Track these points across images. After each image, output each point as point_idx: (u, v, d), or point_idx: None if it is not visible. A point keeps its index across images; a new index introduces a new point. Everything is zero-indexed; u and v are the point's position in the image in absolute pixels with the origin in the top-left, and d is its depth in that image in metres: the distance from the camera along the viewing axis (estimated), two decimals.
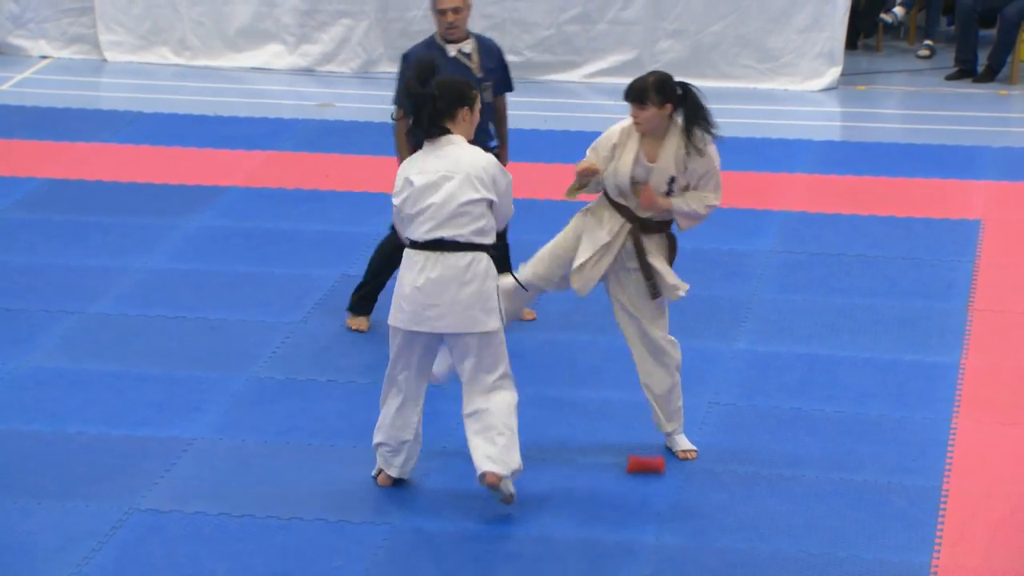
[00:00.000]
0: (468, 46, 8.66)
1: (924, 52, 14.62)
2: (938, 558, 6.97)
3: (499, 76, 8.77)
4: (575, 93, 13.55)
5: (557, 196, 8.64)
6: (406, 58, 8.56)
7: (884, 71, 14.41)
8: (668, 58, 13.62)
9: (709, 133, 7.43)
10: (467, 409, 7.23)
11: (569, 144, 11.93)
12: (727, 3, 13.59)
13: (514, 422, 7.21)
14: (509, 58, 13.59)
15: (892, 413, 8.29)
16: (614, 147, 7.50)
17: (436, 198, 6.99)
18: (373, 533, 7.11)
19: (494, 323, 7.11)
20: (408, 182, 7.06)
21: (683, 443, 7.78)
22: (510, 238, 8.88)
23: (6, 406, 8.14)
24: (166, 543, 7.00)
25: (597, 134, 7.71)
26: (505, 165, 8.17)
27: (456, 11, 8.56)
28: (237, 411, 8.18)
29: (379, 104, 13.04)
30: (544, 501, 7.41)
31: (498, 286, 7.17)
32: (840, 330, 9.26)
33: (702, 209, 7.52)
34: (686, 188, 7.51)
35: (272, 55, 13.77)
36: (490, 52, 8.72)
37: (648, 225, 7.55)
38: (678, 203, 7.50)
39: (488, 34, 13.69)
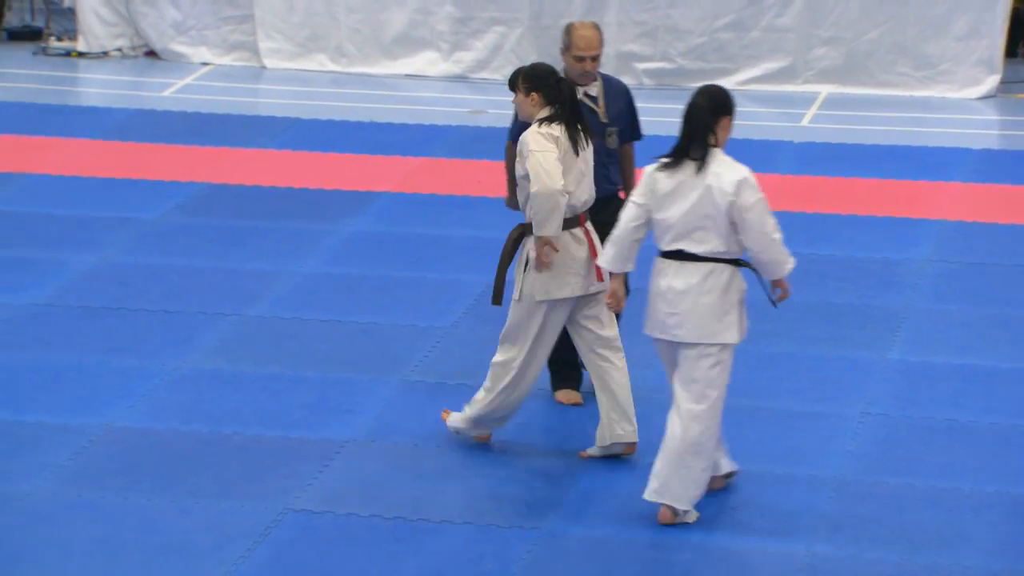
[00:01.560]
0: (594, 89, 8.06)
1: None
2: None
3: (626, 122, 8.15)
4: None
5: None
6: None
7: None
8: (823, 65, 13.49)
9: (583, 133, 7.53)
10: (672, 422, 7.13)
11: None
12: (884, 10, 13.43)
13: (710, 443, 7.13)
14: (659, 65, 13.75)
15: None
16: None
17: (678, 209, 6.99)
18: (522, 538, 7.12)
19: (730, 336, 7.06)
20: (660, 186, 7.03)
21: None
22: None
23: (166, 406, 8.28)
24: (319, 544, 7.07)
25: (749, 141, 7.70)
26: None
27: (595, 59, 7.98)
28: (389, 414, 8.24)
29: None
30: (702, 504, 7.37)
31: (742, 300, 7.09)
32: (996, 341, 9.10)
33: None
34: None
35: (426, 62, 13.86)
36: (617, 95, 8.13)
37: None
38: None
39: (640, 41, 13.75)
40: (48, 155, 11.84)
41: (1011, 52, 14.17)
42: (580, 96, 7.92)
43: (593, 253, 7.64)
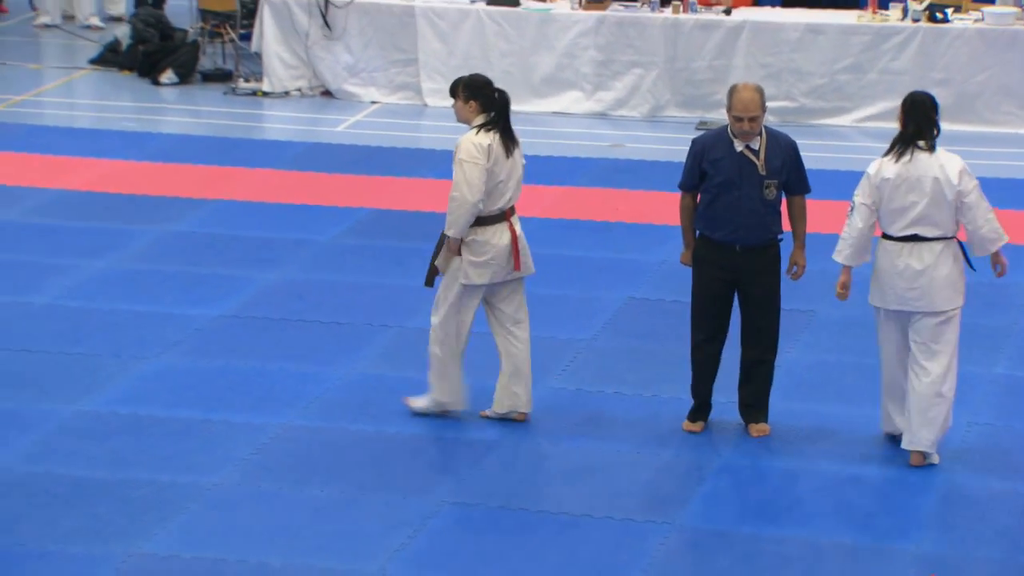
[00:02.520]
0: (756, 143, 7.67)
1: None
2: None
3: (789, 176, 7.76)
4: (845, 136, 13.33)
5: (827, 229, 8.53)
6: (693, 143, 7.91)
7: None
8: None
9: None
10: (914, 381, 7.49)
11: (839, 182, 11.71)
12: (991, 55, 13.20)
13: (951, 393, 7.51)
14: (783, 103, 13.57)
15: None
16: None
17: (913, 199, 7.32)
18: (655, 531, 7.09)
19: (960, 301, 7.47)
20: (885, 180, 7.36)
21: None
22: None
23: (337, 408, 8.34)
24: (472, 534, 7.09)
25: (863, 174, 7.62)
26: (803, 265, 7.88)
27: (753, 120, 7.60)
28: (535, 417, 8.23)
29: (665, 145, 13.03)
30: (813, 507, 7.29)
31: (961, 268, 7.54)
32: None
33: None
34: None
35: (571, 101, 13.86)
36: (780, 151, 7.71)
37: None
38: None
39: (766, 82, 13.57)
40: (236, 183, 12.02)
41: None
42: (741, 149, 7.71)
43: (515, 246, 7.90)
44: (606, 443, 7.95)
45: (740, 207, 7.69)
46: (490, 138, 7.84)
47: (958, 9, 13.55)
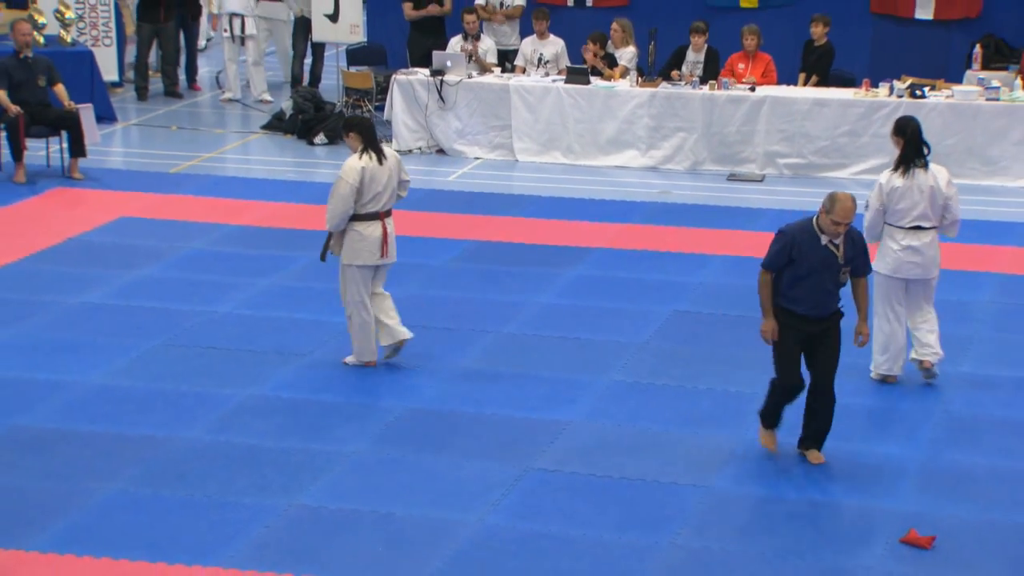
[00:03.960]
0: (838, 239, 7.29)
1: None
2: None
3: (859, 262, 7.36)
4: (844, 186, 13.13)
5: None
6: (782, 233, 7.37)
7: None
8: None
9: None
10: (917, 324, 8.21)
11: None
12: (960, 123, 13.05)
13: (937, 326, 8.21)
14: (795, 160, 13.47)
15: None
16: None
17: (916, 201, 7.98)
18: (694, 492, 7.04)
19: (938, 271, 8.15)
20: (894, 189, 7.99)
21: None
22: None
23: (447, 394, 8.35)
24: (551, 493, 7.08)
25: (859, 216, 7.53)
26: (867, 334, 7.38)
27: (848, 224, 7.22)
28: (600, 403, 8.21)
29: (703, 192, 12.96)
30: (819, 474, 7.20)
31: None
32: None
33: None
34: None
35: (629, 157, 13.84)
36: (853, 243, 7.33)
37: None
38: None
39: (782, 143, 13.49)
40: None
41: None
42: (824, 242, 7.27)
43: (384, 240, 8.40)
44: (656, 423, 7.91)
45: (818, 289, 7.29)
46: (365, 160, 8.28)
47: (933, 88, 13.42)
